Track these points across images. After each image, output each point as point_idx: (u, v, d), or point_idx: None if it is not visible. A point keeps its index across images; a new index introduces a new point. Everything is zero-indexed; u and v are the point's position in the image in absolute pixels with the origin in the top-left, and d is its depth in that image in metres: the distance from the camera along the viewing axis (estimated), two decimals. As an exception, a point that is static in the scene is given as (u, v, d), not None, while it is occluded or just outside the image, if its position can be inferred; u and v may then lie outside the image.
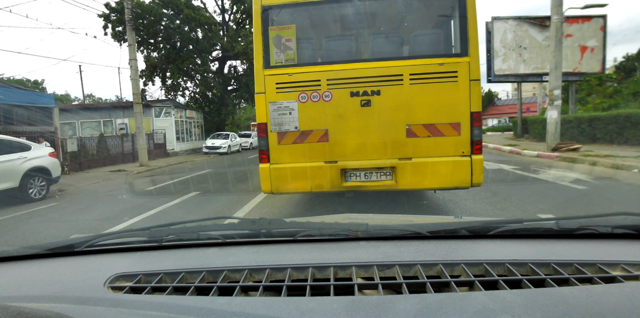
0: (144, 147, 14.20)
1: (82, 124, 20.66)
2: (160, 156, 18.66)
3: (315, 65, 4.05)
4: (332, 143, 3.95)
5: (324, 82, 3.89)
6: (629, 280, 0.76)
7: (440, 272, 0.84)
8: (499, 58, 16.78)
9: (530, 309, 0.63)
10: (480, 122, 3.87)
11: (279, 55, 3.99)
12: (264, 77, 3.95)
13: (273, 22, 3.96)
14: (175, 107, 22.09)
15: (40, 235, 4.74)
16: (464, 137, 3.80)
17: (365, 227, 1.05)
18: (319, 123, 3.93)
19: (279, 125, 3.98)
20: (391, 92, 3.85)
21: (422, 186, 4.03)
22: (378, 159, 3.92)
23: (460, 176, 3.83)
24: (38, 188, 7.80)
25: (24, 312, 0.58)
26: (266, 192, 4.06)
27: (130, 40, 13.92)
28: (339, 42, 4.22)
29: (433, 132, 3.84)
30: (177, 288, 0.81)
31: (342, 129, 3.93)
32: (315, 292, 0.78)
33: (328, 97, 3.92)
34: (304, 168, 3.97)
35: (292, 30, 3.95)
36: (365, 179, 3.98)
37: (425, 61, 3.83)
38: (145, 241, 1.09)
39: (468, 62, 3.75)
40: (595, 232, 0.98)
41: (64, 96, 52.97)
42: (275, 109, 3.95)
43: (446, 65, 3.78)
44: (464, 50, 3.76)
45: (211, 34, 23.39)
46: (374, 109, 3.87)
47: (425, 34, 4.29)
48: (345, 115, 3.91)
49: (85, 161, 13.98)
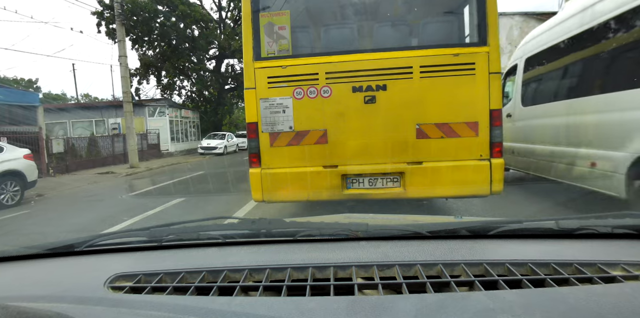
0: (135, 147, 13.60)
1: (73, 124, 20.11)
2: (154, 157, 18.05)
3: (312, 57, 3.54)
4: (332, 145, 3.47)
5: (322, 75, 3.40)
6: (629, 280, 0.76)
7: (440, 272, 0.83)
8: (505, 55, 16.09)
9: (530, 309, 0.63)
10: (501, 121, 3.40)
11: (271, 46, 3.47)
12: (254, 70, 3.44)
13: (265, 7, 3.45)
14: (170, 107, 21.53)
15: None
16: (482, 138, 3.34)
17: (365, 227, 1.05)
18: (317, 122, 3.46)
19: (272, 125, 3.49)
20: (399, 86, 3.37)
21: (434, 194, 3.65)
22: (384, 163, 3.44)
23: (477, 183, 3.36)
24: (10, 194, 7.15)
25: (24, 311, 0.59)
26: (257, 200, 3.59)
27: (119, 36, 13.34)
28: (340, 30, 3.73)
29: (447, 133, 3.37)
30: (177, 288, 0.82)
31: (343, 129, 3.46)
32: (315, 292, 0.79)
33: (327, 92, 3.43)
34: (300, 174, 3.51)
35: (287, 17, 3.46)
36: (370, 186, 3.51)
37: (438, 51, 3.37)
38: (145, 241, 1.09)
39: (487, 52, 3.28)
40: (595, 232, 0.98)
41: (58, 95, 52.21)
42: (267, 107, 3.45)
43: (462, 56, 3.30)
44: (482, 39, 3.29)
45: (207, 32, 22.81)
46: (380, 106, 3.39)
47: (438, 21, 3.76)
48: (346, 113, 3.44)
49: (73, 162, 13.38)
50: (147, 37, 22.56)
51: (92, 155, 14.89)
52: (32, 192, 8.21)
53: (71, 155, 13.90)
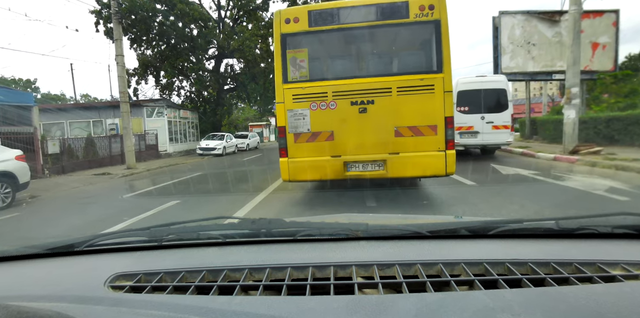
0: (132, 148, 13.40)
1: (71, 124, 19.86)
2: (152, 158, 17.86)
3: (323, 81, 4.96)
4: (337, 142, 4.91)
5: (330, 94, 4.86)
6: (628, 280, 0.76)
7: (440, 271, 0.84)
8: (507, 55, 15.97)
9: (530, 308, 0.64)
10: (453, 124, 4.81)
11: (294, 73, 4.96)
12: (283, 90, 4.91)
13: (290, 46, 4.91)
14: (168, 107, 21.34)
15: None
16: (440, 136, 4.73)
17: (365, 226, 1.06)
18: (326, 126, 4.89)
19: (295, 128, 4.92)
20: (382, 101, 4.80)
21: (407, 175, 5.07)
22: (372, 153, 4.89)
23: (437, 167, 4.78)
24: (2, 196, 6.90)
25: (24, 311, 0.58)
26: (285, 180, 5.08)
27: (116, 34, 13.16)
28: (341, 62, 5.36)
29: (416, 133, 4.79)
30: (178, 287, 0.82)
31: (344, 130, 4.89)
32: (315, 291, 0.79)
33: (333, 105, 4.88)
34: (315, 162, 4.92)
35: (305, 53, 4.95)
36: (363, 170, 4.95)
37: (409, 77, 4.79)
38: (146, 241, 1.09)
39: (442, 77, 4.70)
40: (595, 231, 0.99)
41: (57, 96, 51.90)
42: (292, 115, 4.90)
43: (425, 80, 4.73)
44: (439, 68, 4.70)
45: (206, 31, 22.55)
46: (369, 114, 4.82)
47: (409, 55, 5.29)
48: (346, 119, 4.86)
49: (69, 163, 13.16)
50: (145, 36, 22.34)
51: (88, 156, 14.66)
52: (24, 193, 8.01)
53: (67, 155, 13.69)
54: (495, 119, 10.02)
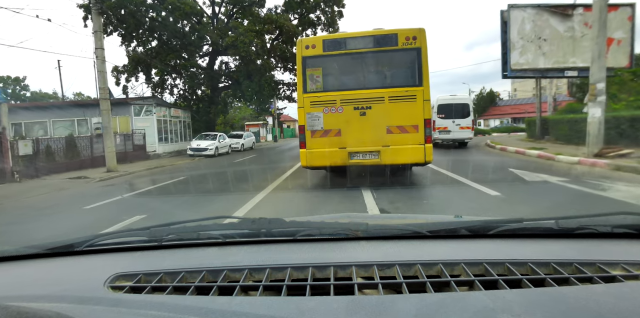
0: (113, 149, 12.46)
1: (54, 123, 18.72)
2: (139, 159, 16.98)
3: (333, 92, 6.61)
4: (343, 137, 6.51)
5: (338, 101, 6.49)
6: (628, 280, 0.77)
7: (440, 271, 0.85)
8: (516, 51, 15.10)
9: (530, 308, 0.64)
10: (430, 124, 6.54)
11: (312, 85, 6.61)
12: (303, 98, 6.60)
13: (309, 66, 6.59)
14: (158, 105, 20.45)
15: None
16: (420, 134, 6.34)
17: (365, 226, 1.07)
18: (335, 125, 6.51)
19: (312, 126, 6.56)
20: (377, 107, 6.42)
21: (396, 162, 6.67)
22: (370, 146, 6.48)
23: (418, 156, 6.39)
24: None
25: (24, 311, 0.59)
26: (304, 166, 6.80)
27: (95, 26, 12.27)
28: (347, 77, 6.90)
29: (402, 131, 6.38)
30: (177, 287, 0.83)
31: (349, 128, 6.50)
32: (315, 291, 0.80)
33: (341, 110, 6.47)
34: (326, 152, 6.54)
35: (320, 71, 6.62)
36: (363, 158, 6.53)
37: (397, 89, 6.43)
38: (145, 241, 1.10)
39: (422, 90, 6.35)
40: (595, 231, 0.99)
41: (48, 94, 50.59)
42: (309, 117, 6.55)
43: (409, 92, 6.36)
44: (420, 83, 6.36)
45: (199, 26, 21.46)
46: (368, 117, 6.43)
47: (398, 73, 6.81)
48: (350, 120, 6.47)
49: (44, 166, 12.21)
50: (135, 32, 21.33)
51: (67, 157, 13.61)
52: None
53: (45, 157, 12.64)
54: (461, 123, 15.75)
